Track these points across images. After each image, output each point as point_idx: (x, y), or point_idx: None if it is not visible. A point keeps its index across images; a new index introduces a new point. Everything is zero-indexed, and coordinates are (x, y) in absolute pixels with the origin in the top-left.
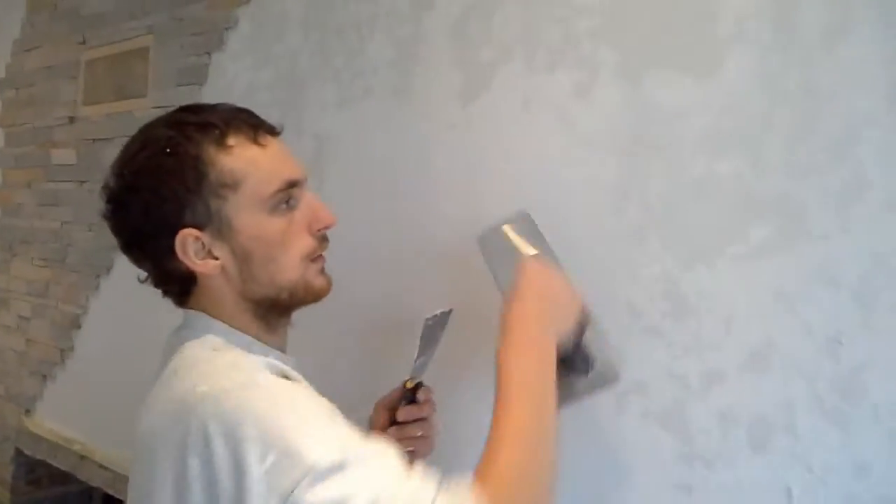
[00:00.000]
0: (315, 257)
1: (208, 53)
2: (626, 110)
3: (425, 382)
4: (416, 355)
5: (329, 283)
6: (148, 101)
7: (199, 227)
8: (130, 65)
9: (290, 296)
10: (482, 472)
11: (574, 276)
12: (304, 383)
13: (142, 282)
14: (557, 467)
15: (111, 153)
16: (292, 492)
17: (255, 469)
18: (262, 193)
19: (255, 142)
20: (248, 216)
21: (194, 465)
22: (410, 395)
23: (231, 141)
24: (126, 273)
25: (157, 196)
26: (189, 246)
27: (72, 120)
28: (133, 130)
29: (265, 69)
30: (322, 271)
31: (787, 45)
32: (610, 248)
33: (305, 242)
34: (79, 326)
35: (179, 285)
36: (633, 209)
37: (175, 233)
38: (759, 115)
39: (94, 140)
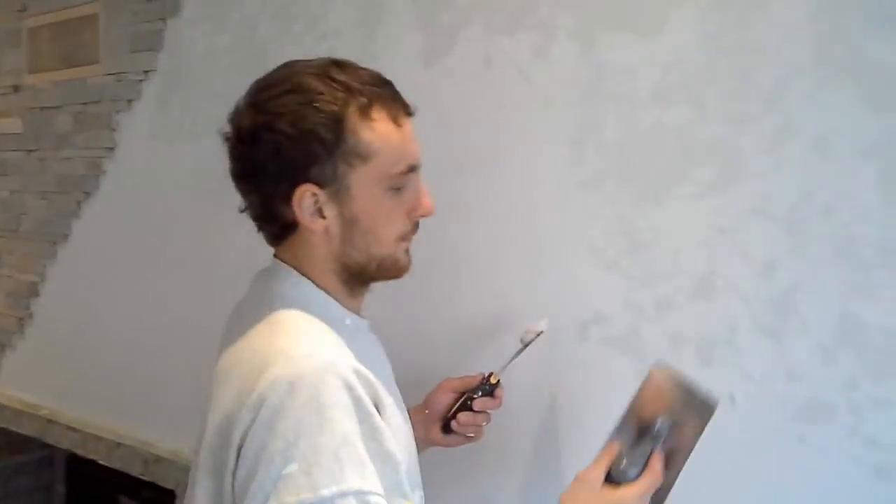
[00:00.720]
0: (407, 239)
1: (163, 19)
2: (582, 68)
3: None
4: (511, 355)
5: (410, 264)
6: (100, 67)
7: (320, 185)
8: (78, 32)
9: (378, 267)
10: None
11: (537, 220)
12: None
13: (241, 211)
14: None
15: (62, 121)
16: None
17: (276, 468)
18: (387, 172)
19: (395, 121)
20: (367, 188)
21: (235, 436)
22: (490, 388)
23: (374, 114)
24: (85, 240)
25: (293, 143)
26: (306, 200)
27: (16, 89)
28: (86, 97)
29: (224, 34)
30: (407, 251)
31: (724, 4)
32: (571, 193)
33: (403, 224)
34: (37, 294)
35: (280, 228)
36: (591, 157)
37: (296, 182)
38: (700, 70)
39: (41, 108)
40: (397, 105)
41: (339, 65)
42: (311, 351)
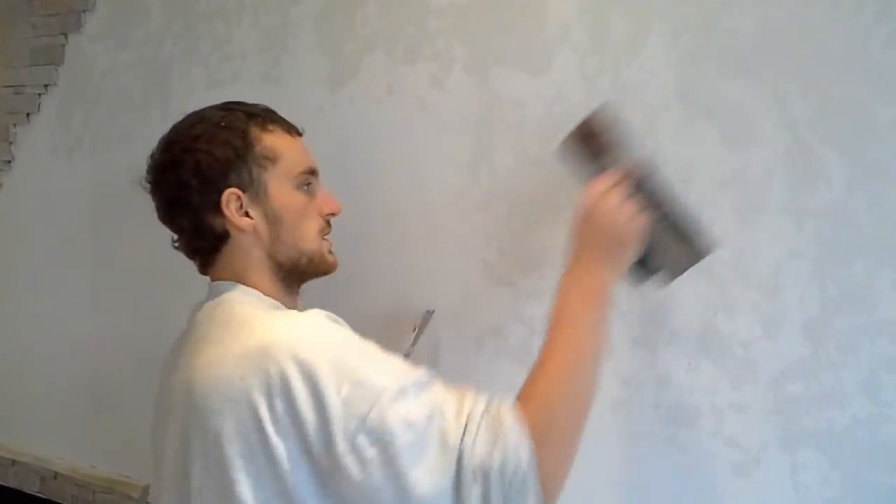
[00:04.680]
0: (325, 236)
1: (64, 34)
2: (476, 99)
3: None
4: (411, 342)
5: (336, 263)
6: None
7: (241, 189)
8: None
9: (309, 262)
10: (524, 394)
11: (436, 239)
12: (348, 328)
13: (174, 246)
14: (594, 396)
15: None
16: (369, 413)
17: (334, 399)
18: (293, 171)
19: (288, 133)
20: (280, 186)
21: (279, 405)
22: None
23: (271, 126)
24: None
25: (211, 157)
26: (232, 203)
27: None
28: None
29: (127, 51)
30: (330, 251)
31: (601, 49)
32: (466, 215)
33: (318, 221)
34: None
35: (212, 241)
36: (484, 181)
37: (220, 191)
38: (579, 105)
39: None
40: (288, 124)
41: (234, 102)
42: (288, 322)
